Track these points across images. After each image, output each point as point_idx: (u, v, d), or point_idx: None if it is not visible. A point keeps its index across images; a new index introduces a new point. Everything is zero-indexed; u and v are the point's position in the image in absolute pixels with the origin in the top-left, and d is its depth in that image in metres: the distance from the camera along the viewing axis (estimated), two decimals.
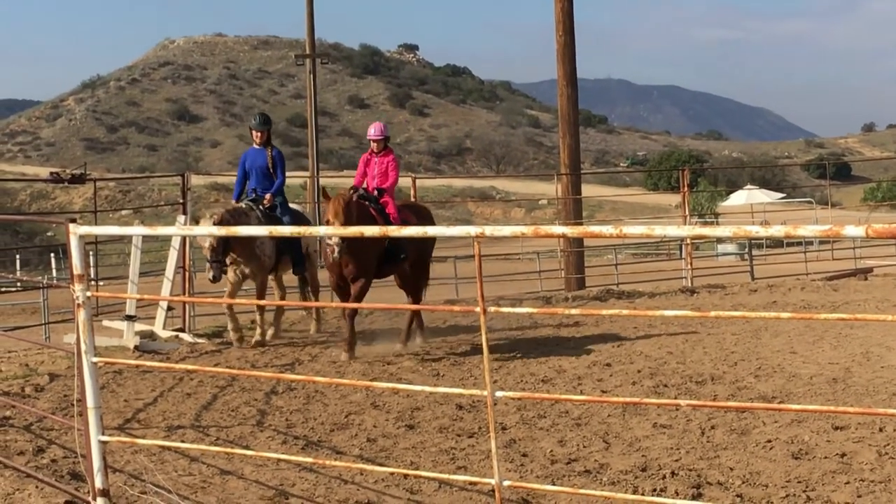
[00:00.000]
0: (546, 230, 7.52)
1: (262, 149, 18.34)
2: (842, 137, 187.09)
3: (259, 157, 18.27)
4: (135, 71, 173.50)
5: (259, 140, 18.37)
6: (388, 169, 17.39)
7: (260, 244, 17.56)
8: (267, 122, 18.80)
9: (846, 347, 15.92)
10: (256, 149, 18.39)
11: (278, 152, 18.48)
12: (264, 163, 18.21)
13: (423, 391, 11.83)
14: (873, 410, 11.21)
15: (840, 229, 5.49)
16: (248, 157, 18.43)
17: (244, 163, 18.41)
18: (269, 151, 18.32)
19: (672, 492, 9.22)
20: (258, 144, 18.39)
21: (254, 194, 18.15)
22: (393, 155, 17.63)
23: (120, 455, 10.44)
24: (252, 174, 18.26)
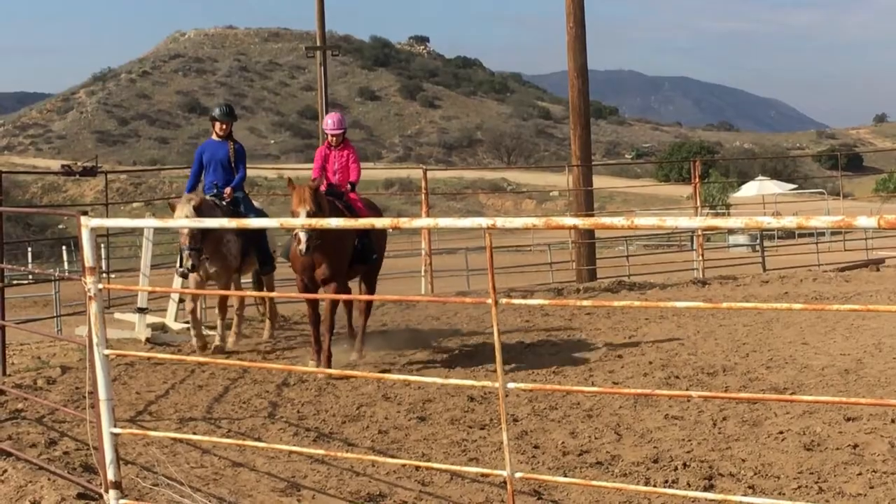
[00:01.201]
0: (558, 221, 7.50)
1: (224, 142, 17.16)
2: (853, 128, 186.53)
3: (220, 150, 17.09)
4: (145, 64, 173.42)
5: (221, 132, 17.19)
6: (349, 162, 16.36)
7: (227, 242, 16.50)
8: (231, 114, 17.64)
9: (858, 338, 15.89)
10: (217, 141, 17.21)
11: (240, 146, 17.40)
12: (225, 156, 17.05)
13: (434, 383, 11.83)
14: (885, 401, 11.19)
15: (852, 220, 5.47)
16: (206, 150, 17.24)
17: (201, 154, 17.22)
18: (230, 145, 17.14)
19: (684, 483, 9.22)
20: (219, 137, 17.21)
21: (214, 189, 16.99)
22: (352, 147, 16.61)
23: (132, 447, 10.46)
24: (210, 167, 17.09)
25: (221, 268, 16.54)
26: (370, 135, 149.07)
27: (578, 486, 9.00)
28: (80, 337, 14.80)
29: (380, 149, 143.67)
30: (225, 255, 16.49)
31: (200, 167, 17.16)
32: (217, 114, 17.41)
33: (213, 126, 17.42)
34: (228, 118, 17.35)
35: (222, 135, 17.17)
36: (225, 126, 17.18)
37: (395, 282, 27.10)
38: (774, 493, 8.88)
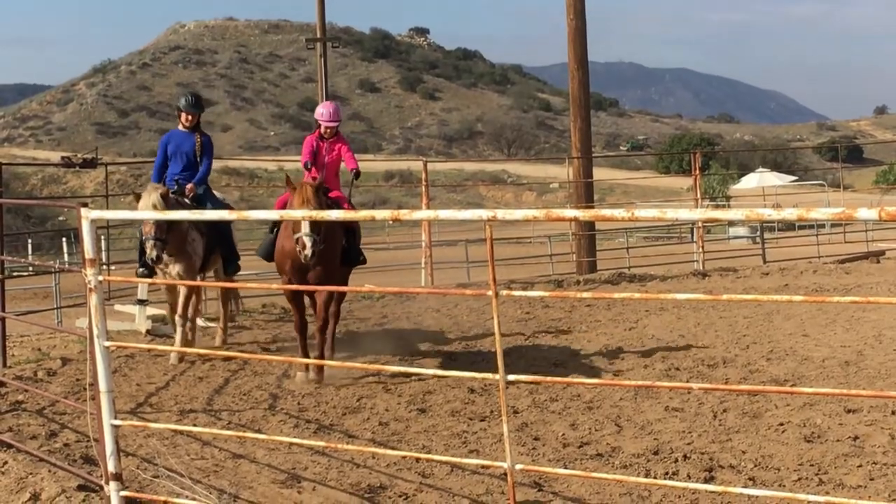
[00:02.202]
0: (558, 214, 7.50)
1: (190, 133, 16.22)
2: (854, 120, 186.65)
3: (186, 142, 16.17)
4: (146, 55, 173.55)
5: (188, 123, 16.22)
6: (343, 154, 15.21)
7: (192, 241, 15.44)
8: (199, 104, 16.55)
9: (858, 330, 15.90)
10: (183, 132, 16.24)
11: (208, 139, 16.50)
12: (191, 148, 16.14)
13: (434, 375, 11.82)
14: (886, 393, 11.15)
15: (853, 212, 5.47)
16: (171, 140, 16.28)
17: (166, 145, 16.26)
18: (197, 137, 16.22)
19: (684, 475, 9.22)
20: (186, 127, 16.24)
21: (175, 184, 15.94)
22: (344, 139, 15.50)
23: (132, 439, 10.47)
24: (175, 159, 16.14)
25: (185, 268, 15.34)
26: (370, 126, 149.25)
27: (579, 478, 9.01)
28: (80, 329, 14.81)
29: (380, 140, 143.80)
30: (190, 254, 15.41)
31: (165, 158, 16.23)
32: (184, 104, 16.35)
33: (179, 117, 16.44)
34: (195, 109, 16.34)
35: (188, 126, 16.24)
36: (191, 117, 16.24)
37: (395, 274, 27.11)
38: (775, 484, 8.88)
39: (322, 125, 15.15)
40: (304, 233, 13.34)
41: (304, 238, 13.34)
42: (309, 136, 15.40)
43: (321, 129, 15.19)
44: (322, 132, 15.17)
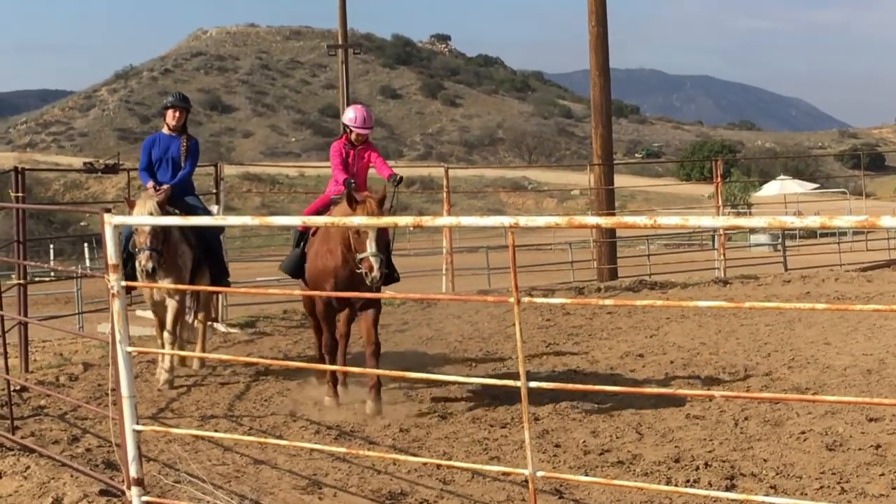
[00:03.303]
0: (580, 221, 7.49)
1: (176, 136, 14.72)
2: (876, 128, 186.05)
3: (172, 146, 14.68)
4: (167, 61, 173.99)
5: (175, 122, 14.72)
6: (373, 161, 13.88)
7: (181, 254, 14.15)
8: (187, 100, 15.23)
9: (880, 338, 15.85)
10: (168, 135, 14.76)
11: (195, 142, 14.97)
12: (177, 153, 14.67)
13: (455, 381, 11.82)
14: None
15: (876, 220, 5.46)
16: (156, 144, 14.77)
17: (149, 149, 14.74)
18: (183, 140, 14.75)
19: (705, 483, 9.20)
20: (172, 129, 14.74)
21: None
22: (373, 146, 14.03)
23: (154, 444, 10.49)
24: (162, 166, 14.64)
25: (176, 282, 13.99)
26: (391, 133, 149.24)
27: (600, 486, 9.00)
28: (102, 334, 14.84)
29: (401, 147, 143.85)
30: (180, 267, 14.11)
31: (150, 161, 14.72)
32: (170, 100, 14.94)
33: (164, 117, 14.97)
34: (183, 104, 14.93)
35: (175, 125, 14.72)
36: (179, 114, 14.75)
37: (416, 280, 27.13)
38: (796, 493, 8.86)
39: (353, 131, 13.66)
40: (372, 253, 12.04)
41: (371, 259, 12.05)
42: (336, 142, 13.84)
43: (350, 135, 13.70)
44: (352, 138, 13.71)
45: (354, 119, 13.69)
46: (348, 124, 13.73)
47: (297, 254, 13.53)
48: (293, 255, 13.64)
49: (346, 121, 13.84)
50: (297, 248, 13.54)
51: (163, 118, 15.03)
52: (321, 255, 12.94)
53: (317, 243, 13.09)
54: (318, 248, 13.01)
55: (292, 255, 13.68)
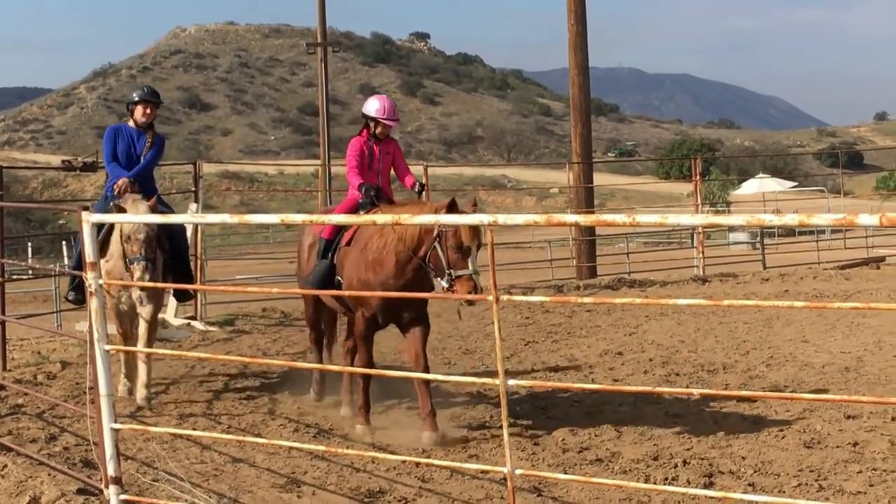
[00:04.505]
0: (559, 219, 7.50)
1: (142, 132, 13.46)
2: (854, 126, 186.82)
3: (138, 142, 13.42)
4: (146, 59, 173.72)
5: (145, 119, 13.46)
6: (397, 160, 12.51)
7: (156, 258, 12.67)
8: (157, 95, 13.82)
9: (858, 336, 15.90)
10: (134, 130, 13.47)
11: (160, 139, 13.71)
12: (142, 149, 13.41)
13: (434, 379, 11.81)
14: (886, 400, 11.20)
15: (854, 218, 5.47)
16: (119, 137, 13.42)
17: (113, 139, 13.41)
18: (149, 137, 13.48)
19: (684, 480, 9.22)
20: (140, 124, 13.46)
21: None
22: (396, 141, 12.72)
23: (132, 443, 10.46)
24: (123, 161, 13.34)
25: (151, 294, 12.87)
26: None
27: (578, 483, 9.00)
28: (80, 332, 14.79)
29: None
30: (154, 279, 12.49)
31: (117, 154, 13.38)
32: (140, 94, 13.60)
33: (132, 112, 13.60)
34: (154, 98, 13.62)
35: (145, 122, 13.47)
36: (149, 110, 13.51)
37: None
38: (774, 490, 8.88)
39: (380, 124, 12.24)
40: (473, 271, 10.74)
41: (474, 279, 10.76)
42: (355, 139, 12.36)
43: (374, 129, 12.27)
44: (376, 132, 12.27)
45: (381, 110, 12.24)
46: (375, 116, 12.22)
47: (326, 266, 11.98)
48: (321, 267, 12.01)
49: (370, 112, 12.27)
50: (326, 260, 12.00)
51: (130, 113, 13.63)
52: (368, 266, 11.47)
53: (358, 253, 11.63)
54: (360, 257, 11.57)
55: (320, 267, 12.02)
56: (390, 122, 12.24)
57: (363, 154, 12.18)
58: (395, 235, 11.17)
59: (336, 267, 11.91)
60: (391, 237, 11.22)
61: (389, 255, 11.24)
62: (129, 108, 13.62)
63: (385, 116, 12.18)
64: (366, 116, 12.32)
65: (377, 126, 12.21)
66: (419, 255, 11.02)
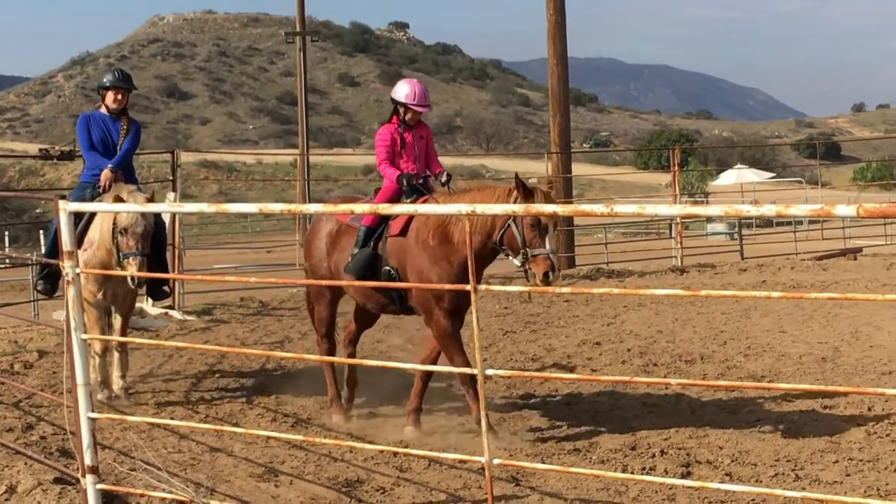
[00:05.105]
0: (537, 208, 7.51)
1: (116, 119, 12.91)
2: (832, 117, 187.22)
3: (112, 130, 12.87)
4: (124, 48, 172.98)
5: (117, 106, 12.88)
6: (429, 146, 11.88)
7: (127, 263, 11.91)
8: (129, 80, 13.18)
9: (835, 327, 15.95)
10: (108, 116, 12.91)
11: (137, 126, 13.11)
12: (117, 137, 12.87)
13: (413, 369, 11.81)
14: (862, 390, 11.24)
15: (831, 209, 5.49)
16: (93, 125, 12.87)
17: (87, 128, 12.86)
18: (124, 123, 12.93)
19: (661, 470, 9.23)
20: (112, 110, 12.89)
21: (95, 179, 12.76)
22: (428, 127, 12.02)
23: (109, 432, 10.44)
24: (100, 150, 12.81)
25: (129, 292, 12.55)
26: (349, 121, 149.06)
27: (556, 473, 9.01)
28: (57, 321, 14.75)
29: (359, 135, 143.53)
30: None
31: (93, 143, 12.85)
32: (109, 80, 12.96)
33: (103, 97, 13.00)
34: (126, 84, 13.00)
35: (117, 108, 12.91)
36: (121, 96, 12.89)
37: None
38: (751, 480, 8.91)
39: (411, 109, 11.62)
40: (551, 250, 10.39)
41: (551, 258, 10.40)
42: (384, 127, 11.73)
43: (404, 115, 11.66)
44: (406, 118, 11.65)
45: (412, 95, 11.60)
46: (405, 101, 11.59)
47: (368, 254, 11.29)
48: (363, 255, 11.29)
49: (399, 97, 11.64)
50: (367, 248, 11.33)
51: (101, 98, 13.03)
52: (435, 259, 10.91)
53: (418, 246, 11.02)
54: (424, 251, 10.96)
55: (361, 255, 11.29)
56: (420, 108, 11.62)
57: (394, 142, 11.57)
58: (461, 223, 10.66)
59: (382, 257, 11.27)
60: (459, 224, 10.71)
61: (460, 244, 10.74)
62: (101, 94, 13.05)
63: (415, 102, 11.58)
64: (395, 102, 11.71)
65: (407, 112, 11.61)
66: (493, 239, 10.63)
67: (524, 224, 10.38)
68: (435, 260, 10.85)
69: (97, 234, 12.17)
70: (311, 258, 12.06)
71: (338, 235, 11.74)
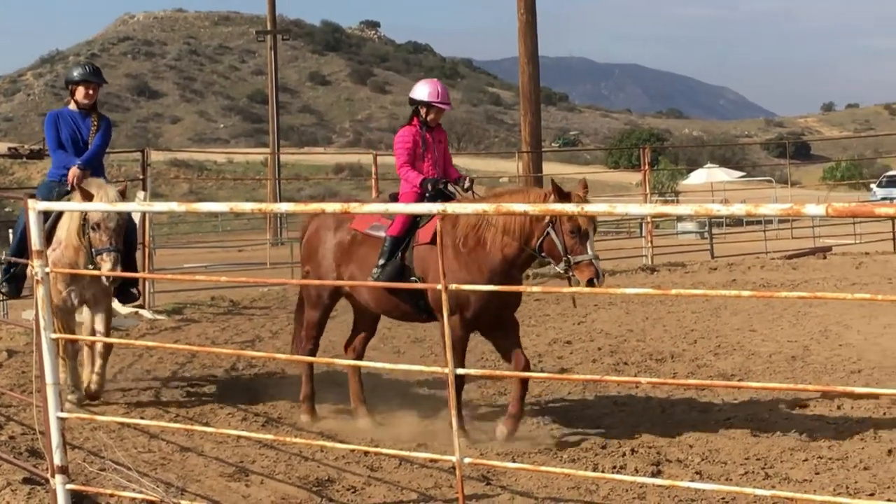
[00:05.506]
0: (508, 207, 7.52)
1: (86, 115, 12.47)
2: (801, 117, 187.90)
3: (80, 126, 12.41)
4: (94, 46, 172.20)
5: (88, 101, 12.44)
6: (446, 151, 11.61)
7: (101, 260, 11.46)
8: (99, 73, 12.71)
9: (805, 325, 16.01)
10: (77, 113, 12.48)
11: (107, 122, 12.72)
12: (87, 134, 12.42)
13: (384, 368, 11.81)
14: (832, 388, 11.29)
15: (801, 208, 5.51)
16: (62, 123, 12.41)
17: (55, 126, 12.40)
18: (94, 119, 12.50)
19: (632, 469, 9.25)
20: (83, 106, 12.44)
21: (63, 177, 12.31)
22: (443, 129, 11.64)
23: (79, 432, 10.40)
24: (70, 148, 12.34)
25: (102, 292, 12.11)
26: (320, 119, 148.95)
27: (527, 472, 9.02)
28: (26, 321, 14.68)
29: (330, 133, 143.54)
30: None
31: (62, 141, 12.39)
32: (78, 74, 12.53)
33: (72, 93, 12.53)
34: (96, 79, 12.55)
35: (88, 103, 12.46)
36: (92, 91, 12.46)
37: None
38: (721, 478, 8.93)
39: (434, 107, 11.26)
40: (593, 256, 10.18)
41: (595, 265, 10.18)
42: (404, 129, 11.37)
43: (426, 116, 11.29)
44: (428, 119, 11.29)
45: (434, 94, 11.25)
46: (428, 100, 11.22)
47: (398, 265, 10.88)
48: (393, 267, 10.85)
49: (422, 97, 11.27)
50: (396, 260, 10.91)
51: (70, 93, 12.58)
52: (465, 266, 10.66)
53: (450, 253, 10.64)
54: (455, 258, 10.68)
55: (392, 268, 10.85)
56: (444, 106, 11.27)
57: (416, 144, 11.19)
58: (495, 229, 10.44)
59: (409, 268, 10.91)
60: (492, 231, 10.47)
61: (494, 250, 10.52)
62: (70, 89, 12.57)
63: (439, 100, 11.22)
64: (415, 102, 11.31)
65: (429, 112, 11.23)
66: (531, 245, 10.39)
67: (564, 231, 10.17)
68: (465, 266, 10.60)
69: (65, 234, 11.85)
70: (314, 265, 11.67)
71: (353, 245, 11.32)
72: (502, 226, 10.38)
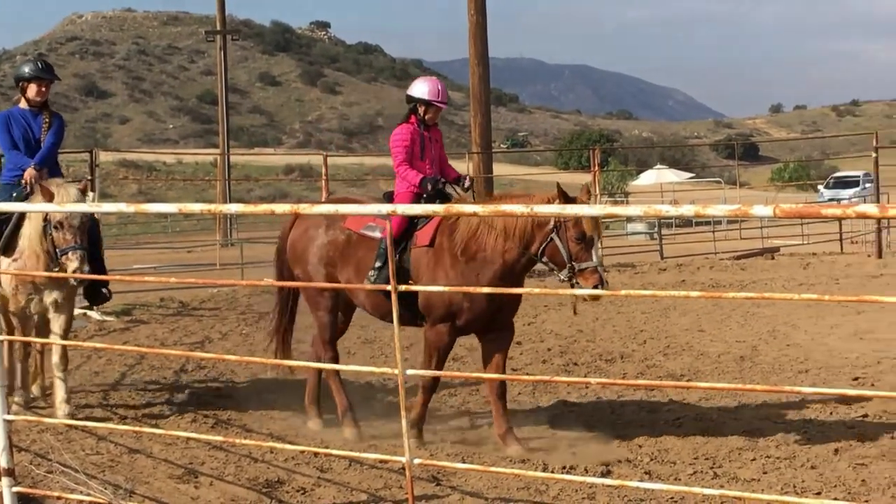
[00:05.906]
0: (458, 209, 7.53)
1: (37, 113, 12.02)
2: (750, 118, 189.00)
3: (33, 124, 11.98)
4: (41, 45, 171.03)
5: (40, 98, 12.00)
6: (442, 151, 11.49)
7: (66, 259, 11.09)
8: (51, 70, 12.34)
9: (753, 326, 16.11)
10: (28, 111, 12.04)
11: (59, 119, 12.27)
12: (39, 132, 11.99)
13: (334, 369, 11.78)
14: (779, 388, 11.35)
15: (749, 209, 5.55)
16: (13, 124, 11.93)
17: (7, 127, 11.92)
18: (45, 117, 12.06)
19: (581, 469, 9.28)
20: (34, 103, 12.00)
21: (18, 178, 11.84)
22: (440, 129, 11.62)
23: (26, 434, 10.31)
24: (23, 147, 11.88)
25: (67, 293, 11.62)
26: (270, 120, 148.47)
27: (477, 472, 9.03)
28: None
29: (280, 134, 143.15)
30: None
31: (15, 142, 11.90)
32: (30, 70, 12.08)
33: (23, 90, 12.09)
34: (48, 75, 12.16)
35: (40, 100, 12.02)
36: (44, 88, 12.04)
37: None
38: (670, 478, 8.97)
39: (433, 105, 11.12)
40: (598, 263, 10.21)
41: (600, 272, 10.17)
42: (401, 127, 11.22)
43: (423, 114, 11.15)
44: (426, 118, 11.15)
45: (434, 92, 11.11)
46: (428, 98, 11.06)
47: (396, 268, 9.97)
48: None
49: (420, 94, 11.11)
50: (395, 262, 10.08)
51: (21, 90, 12.17)
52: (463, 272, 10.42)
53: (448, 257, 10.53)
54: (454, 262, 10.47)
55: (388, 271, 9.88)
56: (442, 104, 11.16)
57: (414, 143, 11.04)
58: (496, 233, 10.24)
59: (406, 271, 10.68)
60: (492, 235, 10.27)
61: (494, 255, 10.31)
62: (21, 86, 12.13)
63: (438, 98, 11.08)
64: (413, 100, 11.19)
65: (427, 110, 11.08)
66: (532, 251, 10.23)
67: (569, 237, 10.03)
68: (461, 275, 10.37)
69: (27, 242, 11.42)
70: (303, 265, 11.49)
71: (348, 246, 11.13)
72: (503, 229, 10.21)
